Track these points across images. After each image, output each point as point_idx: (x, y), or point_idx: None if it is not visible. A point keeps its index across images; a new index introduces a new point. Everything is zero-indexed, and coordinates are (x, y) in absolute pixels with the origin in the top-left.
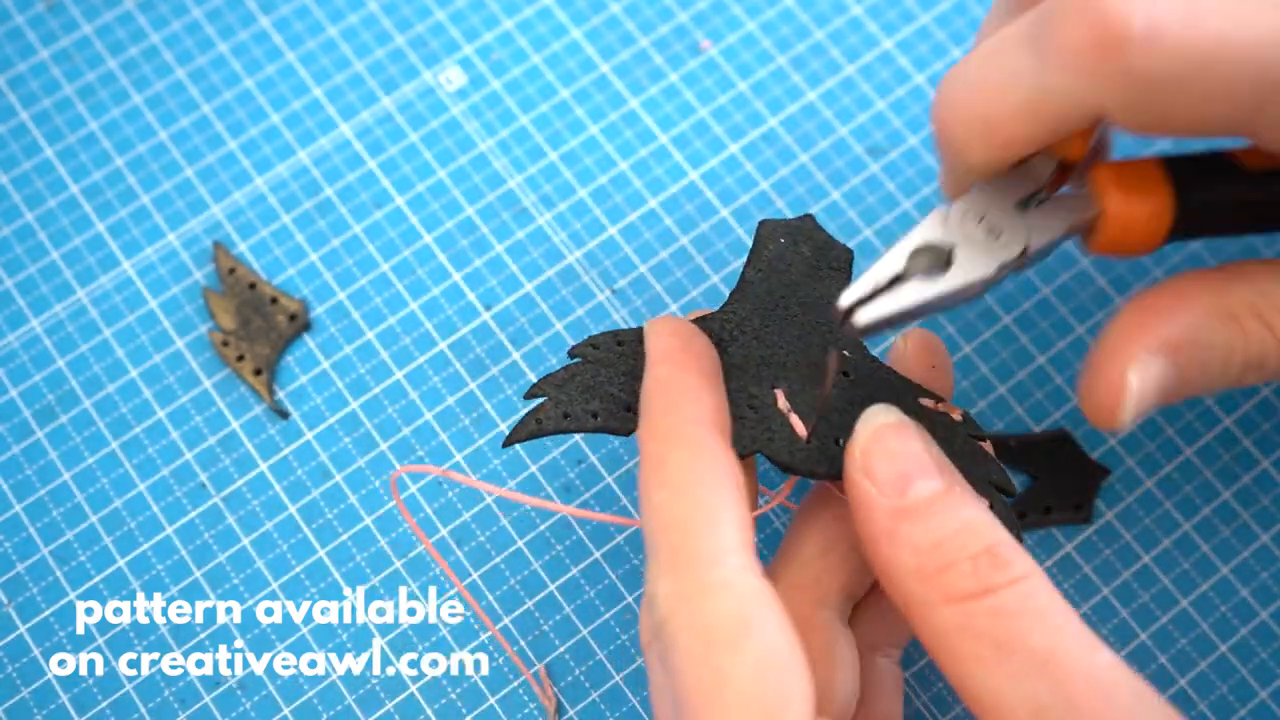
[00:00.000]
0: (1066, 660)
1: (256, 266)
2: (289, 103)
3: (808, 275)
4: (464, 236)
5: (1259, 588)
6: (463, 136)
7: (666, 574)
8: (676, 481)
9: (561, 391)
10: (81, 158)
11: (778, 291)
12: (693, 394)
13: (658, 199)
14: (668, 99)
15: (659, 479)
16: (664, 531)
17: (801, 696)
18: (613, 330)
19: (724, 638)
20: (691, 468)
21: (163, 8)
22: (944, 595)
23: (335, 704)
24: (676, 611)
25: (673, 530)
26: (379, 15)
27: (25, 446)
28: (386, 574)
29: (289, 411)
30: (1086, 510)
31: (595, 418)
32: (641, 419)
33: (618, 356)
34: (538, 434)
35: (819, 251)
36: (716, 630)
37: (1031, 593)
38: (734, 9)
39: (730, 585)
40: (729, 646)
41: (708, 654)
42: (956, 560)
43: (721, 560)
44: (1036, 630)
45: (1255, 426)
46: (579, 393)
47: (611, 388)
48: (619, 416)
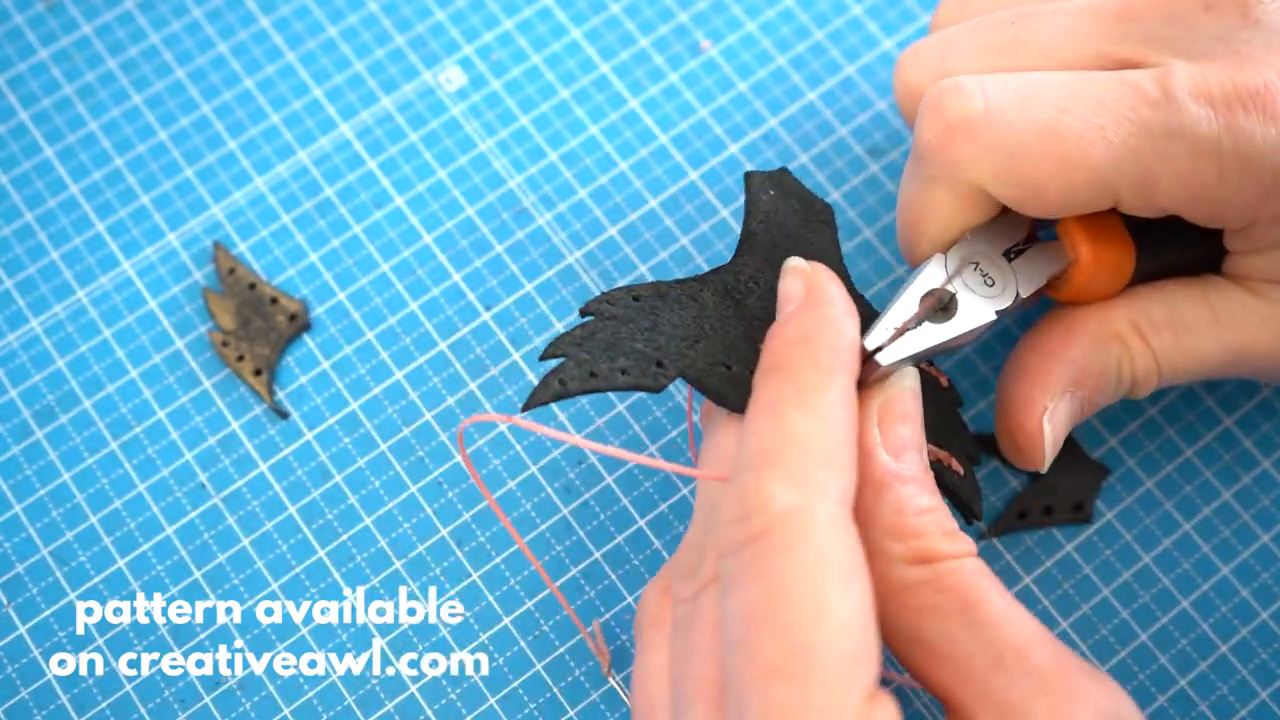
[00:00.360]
0: (1022, 620)
1: (256, 266)
2: (289, 103)
3: (801, 227)
4: (464, 237)
5: (1259, 588)
6: (463, 137)
7: (793, 489)
8: (825, 415)
9: (582, 350)
10: (81, 158)
11: (780, 243)
12: (851, 343)
13: (658, 199)
14: (668, 99)
15: (805, 405)
16: (800, 452)
17: (877, 659)
18: (626, 285)
19: (838, 570)
20: (840, 407)
21: (163, 8)
22: (915, 555)
23: (335, 704)
24: (794, 525)
25: (810, 454)
26: (379, 15)
27: (25, 447)
28: (386, 574)
29: (289, 412)
30: (1086, 510)
31: (624, 374)
32: (795, 346)
33: (637, 312)
34: (562, 395)
35: (804, 204)
36: (832, 559)
37: (984, 567)
38: (734, 9)
39: (850, 526)
40: (841, 581)
41: (818, 579)
42: (931, 531)
43: (843, 503)
44: (994, 591)
45: (1255, 427)
46: (601, 350)
47: (636, 343)
48: (650, 373)
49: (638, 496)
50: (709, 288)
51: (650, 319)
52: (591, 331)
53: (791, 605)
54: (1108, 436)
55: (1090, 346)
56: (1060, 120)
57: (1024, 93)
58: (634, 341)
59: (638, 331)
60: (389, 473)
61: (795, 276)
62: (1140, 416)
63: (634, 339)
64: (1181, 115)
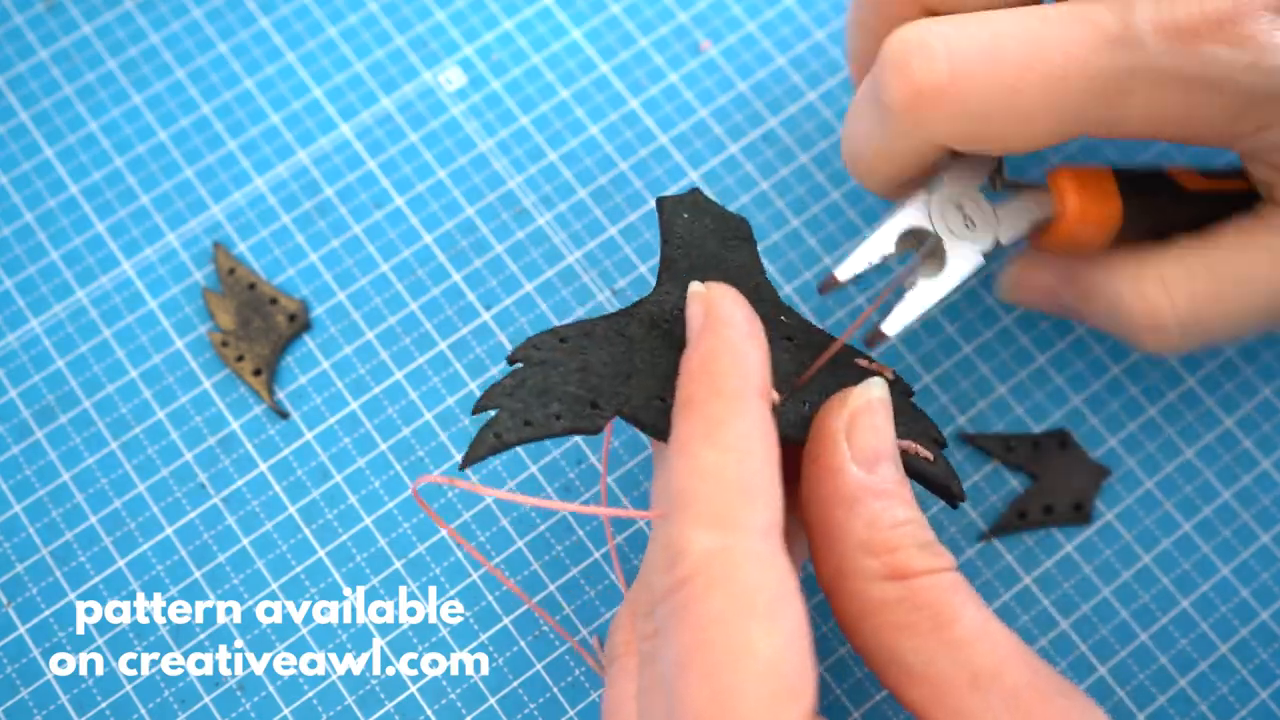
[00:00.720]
0: (998, 636)
1: (256, 267)
2: (289, 103)
3: (720, 246)
4: (464, 237)
5: (1259, 588)
6: (463, 137)
7: (708, 529)
8: (736, 446)
9: (514, 400)
10: (81, 158)
11: (699, 265)
12: (756, 364)
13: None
14: (668, 99)
15: (714, 439)
16: (714, 489)
17: (812, 690)
18: (549, 329)
19: (763, 608)
20: (751, 437)
21: (162, 8)
22: (890, 571)
23: (335, 704)
24: (714, 568)
25: (725, 491)
26: (379, 15)
27: (25, 447)
28: (386, 574)
29: (289, 412)
30: (1086, 510)
31: (559, 419)
32: (699, 377)
33: (565, 354)
34: (499, 448)
35: (720, 223)
36: (757, 598)
37: (961, 581)
38: (734, 9)
39: (775, 559)
40: (765, 618)
41: (739, 619)
42: (906, 545)
43: (768, 533)
44: (970, 606)
45: (1255, 427)
46: (534, 397)
47: (569, 386)
48: (585, 415)
49: (637, 497)
50: (635, 320)
51: (580, 359)
52: (521, 379)
53: (714, 649)
54: (1108, 436)
55: None
56: (1024, 77)
57: (989, 47)
58: (566, 385)
59: (569, 374)
60: (389, 473)
61: (695, 301)
62: (1140, 416)
63: (565, 382)
64: (1141, 52)
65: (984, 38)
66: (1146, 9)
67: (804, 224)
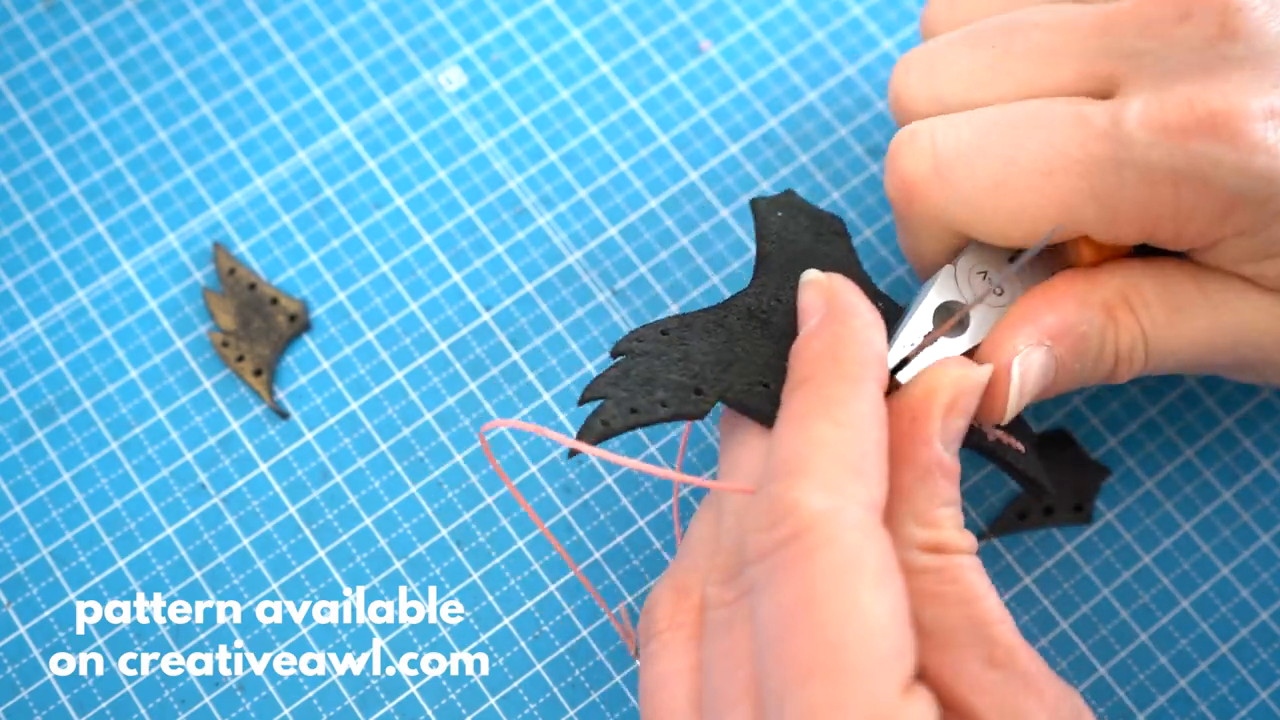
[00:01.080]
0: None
1: (256, 267)
2: (289, 103)
3: (815, 241)
4: (464, 237)
5: (1259, 588)
6: (463, 137)
7: (824, 493)
8: (853, 424)
9: (619, 388)
10: (81, 158)
11: (796, 260)
12: (879, 353)
13: (658, 199)
14: (668, 99)
15: (832, 415)
16: (829, 459)
17: (914, 656)
18: (652, 323)
19: (873, 574)
20: (868, 418)
21: (162, 8)
22: (932, 544)
23: (335, 704)
24: (826, 528)
25: (839, 462)
26: (379, 16)
27: (25, 447)
28: (386, 574)
29: (289, 412)
30: (1086, 510)
31: (664, 406)
32: (823, 359)
33: (667, 345)
34: (606, 434)
35: (815, 220)
36: (869, 562)
37: (982, 567)
38: (734, 9)
39: (881, 531)
40: (874, 583)
41: (850, 578)
42: (949, 525)
43: (872, 510)
44: (992, 592)
45: (1255, 427)
46: (639, 385)
47: (671, 374)
48: (690, 401)
49: (638, 497)
50: (733, 313)
51: (681, 349)
52: (626, 369)
53: (824, 605)
54: (1108, 436)
55: (1075, 306)
56: (1008, 171)
57: (974, 142)
58: (669, 373)
59: (671, 363)
60: (389, 473)
61: (813, 290)
62: (1140, 416)
63: (669, 371)
64: (1131, 148)
65: (969, 132)
66: (1136, 106)
67: None
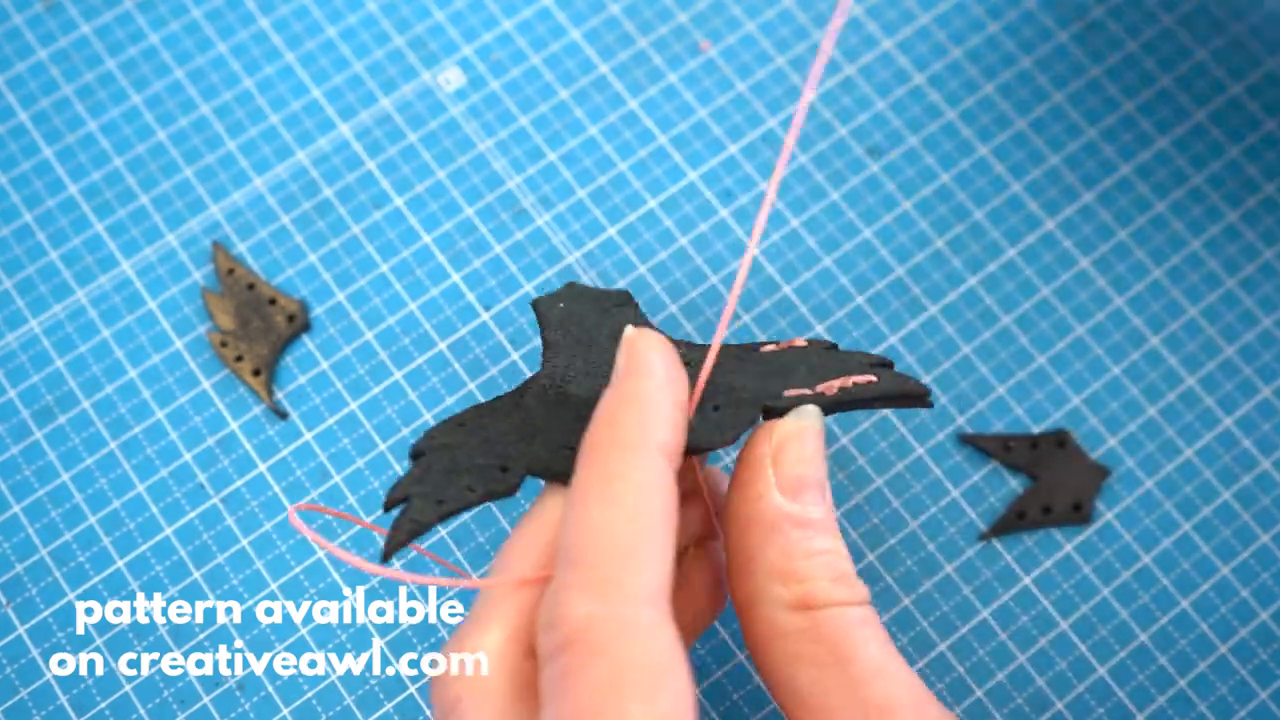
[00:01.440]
0: (896, 676)
1: (255, 267)
2: (288, 103)
3: (601, 316)
4: (463, 237)
5: (1259, 588)
6: (462, 137)
7: (590, 596)
8: (629, 505)
9: (424, 486)
10: (80, 158)
11: (584, 337)
12: (663, 417)
13: (657, 200)
14: (667, 100)
15: (607, 495)
16: (600, 553)
17: None
18: (447, 418)
19: (642, 683)
20: (647, 496)
21: (162, 8)
22: (798, 600)
23: (335, 704)
24: (593, 637)
25: (612, 555)
26: (378, 16)
27: (24, 447)
28: None
29: (288, 412)
30: (1086, 510)
31: (472, 491)
32: (601, 427)
33: (466, 435)
34: (417, 532)
35: (599, 299)
36: (636, 672)
37: (871, 616)
38: (734, 9)
39: (658, 629)
40: (644, 694)
41: (618, 694)
42: (818, 576)
43: (653, 602)
44: (874, 643)
45: (1255, 427)
46: (442, 477)
47: (476, 460)
48: (497, 478)
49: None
50: (528, 394)
51: (480, 436)
52: (427, 466)
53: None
54: (1108, 437)
55: None
56: None
57: None
58: (473, 460)
59: (473, 451)
60: (388, 473)
61: (621, 347)
62: (1140, 416)
63: (472, 458)
64: None
65: None
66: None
67: (803, 224)
